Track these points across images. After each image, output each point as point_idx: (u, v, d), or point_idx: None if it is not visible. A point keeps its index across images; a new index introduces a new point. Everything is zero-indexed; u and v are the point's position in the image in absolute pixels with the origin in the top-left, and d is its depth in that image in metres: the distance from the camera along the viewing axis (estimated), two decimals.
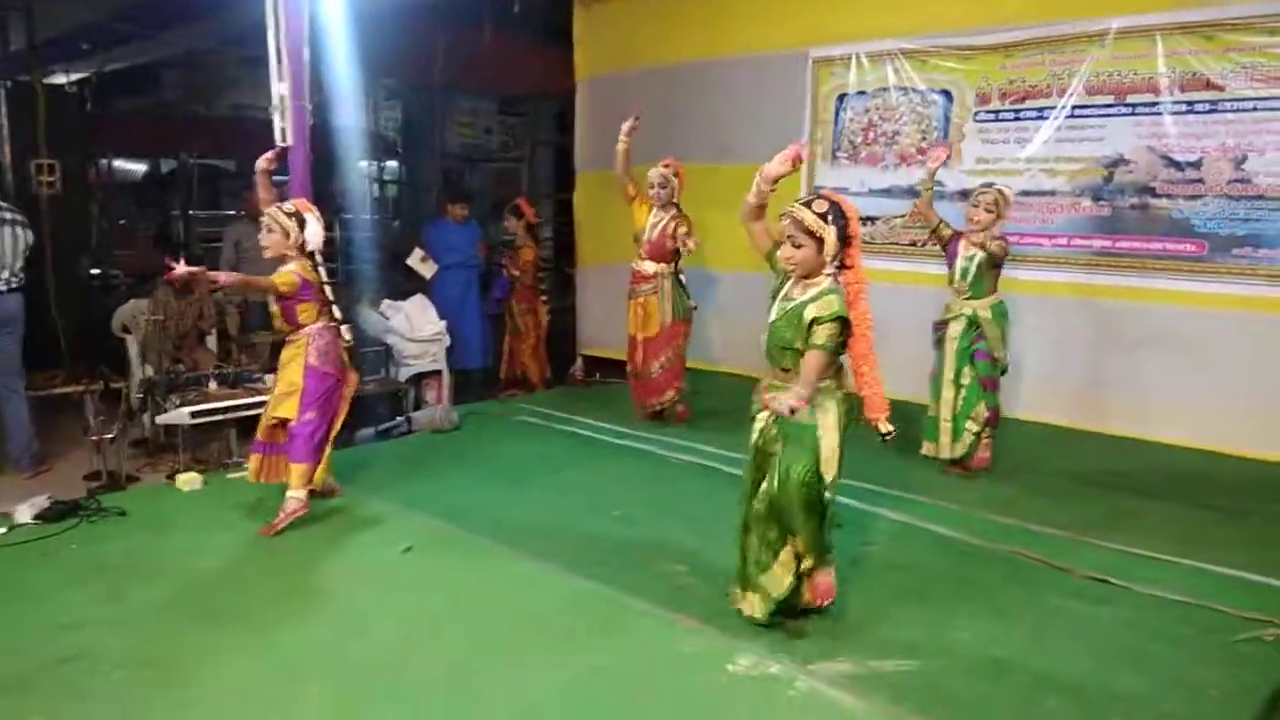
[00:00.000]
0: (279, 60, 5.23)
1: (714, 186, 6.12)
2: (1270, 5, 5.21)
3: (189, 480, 4.80)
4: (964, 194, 6.33)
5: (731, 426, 5.88)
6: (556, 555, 4.01)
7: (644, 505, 4.68)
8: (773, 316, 3.25)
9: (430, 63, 11.10)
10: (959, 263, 5.03)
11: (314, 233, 4.31)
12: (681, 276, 6.08)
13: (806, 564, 3.28)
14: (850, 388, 3.27)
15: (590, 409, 6.58)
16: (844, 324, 3.10)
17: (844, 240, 3.15)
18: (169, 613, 3.50)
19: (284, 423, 4.34)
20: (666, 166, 5.92)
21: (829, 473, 3.17)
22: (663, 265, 5.97)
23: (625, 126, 5.86)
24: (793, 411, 3.02)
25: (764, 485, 3.25)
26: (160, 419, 5.35)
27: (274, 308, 4.39)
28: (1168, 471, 5.28)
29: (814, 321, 3.09)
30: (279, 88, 5.26)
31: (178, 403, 5.30)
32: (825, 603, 3.37)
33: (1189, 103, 5.53)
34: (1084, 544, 4.16)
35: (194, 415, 5.16)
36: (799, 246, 3.14)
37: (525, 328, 7.41)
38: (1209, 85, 5.45)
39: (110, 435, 5.18)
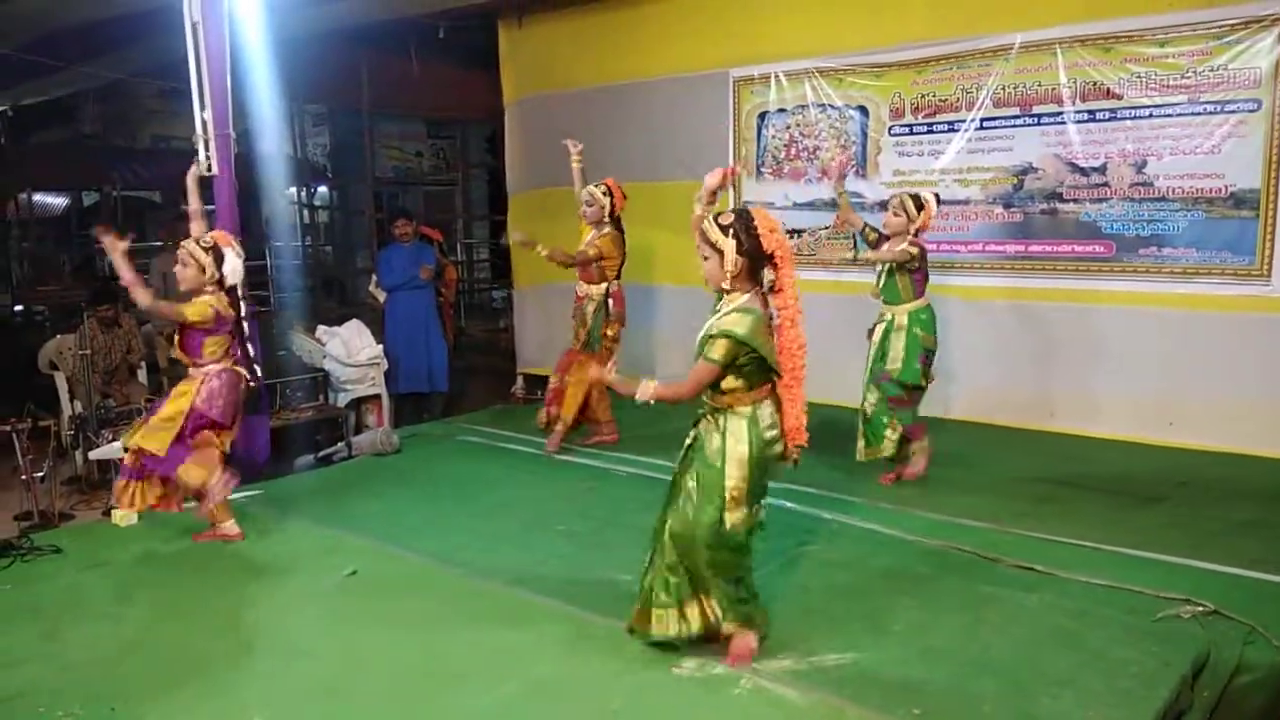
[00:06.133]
0: (201, 89, 5.20)
1: (644, 204, 6.23)
2: (1161, 19, 5.53)
3: (124, 515, 4.70)
4: (884, 205, 6.58)
5: (676, 439, 5.99)
6: (500, 571, 4.04)
7: (587, 518, 4.74)
8: (699, 337, 3.12)
9: (357, 88, 11.10)
10: (877, 268, 5.07)
11: (233, 267, 4.17)
12: (610, 301, 5.81)
13: (726, 627, 3.16)
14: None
15: (531, 427, 6.58)
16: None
17: (755, 257, 3.00)
18: (108, 649, 3.45)
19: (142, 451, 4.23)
20: (597, 186, 5.74)
21: (734, 514, 3.03)
22: (591, 287, 5.82)
23: (573, 150, 5.77)
24: (633, 397, 2.99)
25: (670, 522, 3.15)
26: (93, 454, 5.27)
27: (175, 337, 4.25)
28: (1086, 463, 5.50)
29: (708, 335, 3.01)
30: (202, 117, 5.23)
31: (110, 437, 5.21)
32: (737, 665, 3.15)
33: (1091, 111, 5.82)
34: (1011, 535, 4.32)
35: (127, 449, 5.07)
36: (705, 258, 3.06)
37: (451, 344, 7.53)
38: (1109, 94, 5.74)
39: (41, 474, 5.08)
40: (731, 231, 3.00)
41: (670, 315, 7.23)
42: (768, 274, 3.08)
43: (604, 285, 5.84)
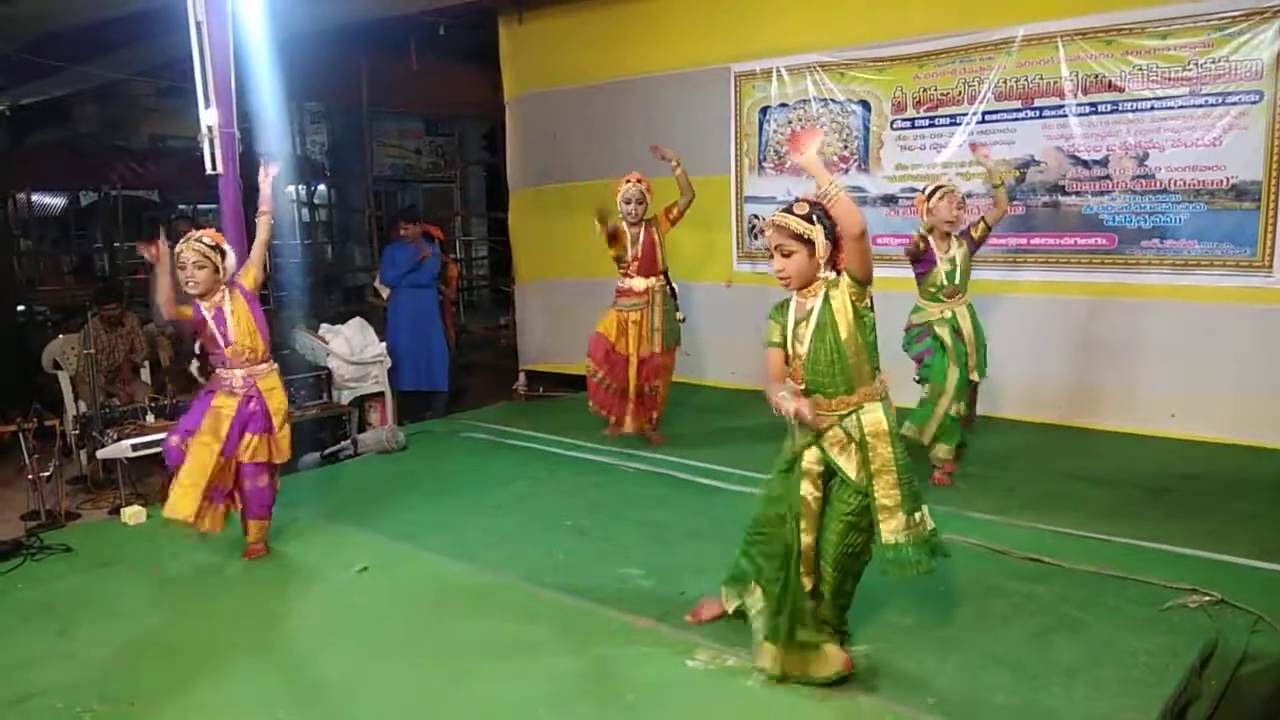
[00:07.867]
0: (205, 88, 5.20)
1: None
2: (1161, 10, 5.54)
3: (135, 514, 4.72)
4: (886, 199, 6.61)
5: (684, 434, 6.04)
6: (511, 567, 4.06)
7: (596, 513, 4.75)
8: (804, 349, 2.93)
9: (356, 85, 11.10)
10: (943, 265, 4.81)
11: (232, 262, 4.21)
12: (674, 286, 5.84)
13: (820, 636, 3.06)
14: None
15: (536, 422, 6.63)
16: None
17: (832, 241, 2.87)
18: (123, 647, 3.46)
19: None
20: (639, 181, 5.68)
21: (889, 524, 2.92)
22: (654, 280, 5.73)
23: (602, 228, 5.58)
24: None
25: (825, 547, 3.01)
26: (100, 453, 5.27)
27: (250, 326, 4.12)
28: (1090, 455, 5.52)
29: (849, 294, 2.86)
30: (207, 116, 5.23)
31: (115, 437, 5.22)
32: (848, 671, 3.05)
33: (1092, 104, 5.83)
34: (1018, 527, 4.35)
35: (135, 448, 5.09)
36: (789, 255, 2.88)
37: (452, 342, 7.54)
38: (1110, 87, 5.75)
39: (46, 473, 5.09)
40: (816, 217, 2.86)
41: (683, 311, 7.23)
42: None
43: (664, 279, 5.80)
